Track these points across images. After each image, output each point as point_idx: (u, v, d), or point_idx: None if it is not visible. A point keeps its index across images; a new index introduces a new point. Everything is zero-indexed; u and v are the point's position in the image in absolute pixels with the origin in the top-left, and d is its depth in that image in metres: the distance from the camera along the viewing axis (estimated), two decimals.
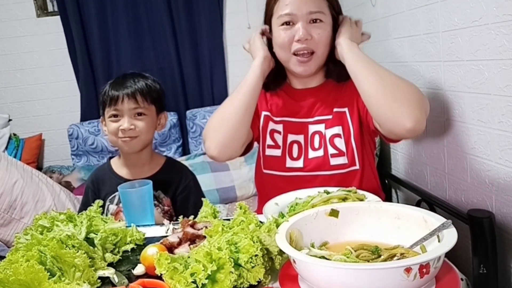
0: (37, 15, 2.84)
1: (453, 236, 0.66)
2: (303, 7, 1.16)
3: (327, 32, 1.19)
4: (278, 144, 1.27)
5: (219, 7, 2.86)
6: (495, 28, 1.07)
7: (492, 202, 1.18)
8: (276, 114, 1.30)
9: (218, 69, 2.95)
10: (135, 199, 1.13)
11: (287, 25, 1.18)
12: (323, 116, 1.25)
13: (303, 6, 1.16)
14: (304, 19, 1.16)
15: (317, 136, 1.25)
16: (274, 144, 1.28)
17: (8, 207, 2.17)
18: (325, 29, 1.18)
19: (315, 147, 1.24)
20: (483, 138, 1.18)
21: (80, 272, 0.76)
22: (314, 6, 1.17)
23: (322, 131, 1.24)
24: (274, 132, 1.29)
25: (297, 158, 1.25)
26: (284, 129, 1.28)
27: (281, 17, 1.19)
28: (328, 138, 1.22)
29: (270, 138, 1.29)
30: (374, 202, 0.91)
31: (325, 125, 1.24)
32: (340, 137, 1.22)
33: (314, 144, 1.24)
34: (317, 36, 1.17)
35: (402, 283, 0.60)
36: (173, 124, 2.86)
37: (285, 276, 0.73)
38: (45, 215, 0.92)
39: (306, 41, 1.16)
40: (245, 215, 0.83)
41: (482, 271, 1.13)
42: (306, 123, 1.26)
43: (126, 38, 2.86)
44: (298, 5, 1.16)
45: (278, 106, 1.30)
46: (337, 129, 1.22)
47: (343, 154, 1.21)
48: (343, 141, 1.21)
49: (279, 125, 1.29)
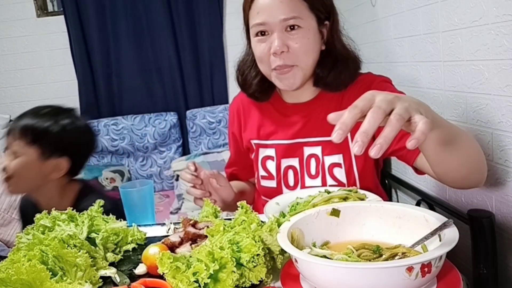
0: (37, 15, 2.84)
1: (455, 235, 0.66)
2: (275, 14, 1.02)
3: (307, 39, 1.04)
4: (271, 175, 1.18)
5: (219, 7, 2.87)
6: (495, 28, 1.08)
7: (492, 202, 1.18)
8: (265, 137, 1.19)
9: (218, 69, 2.96)
10: (136, 199, 1.14)
11: (262, 35, 1.06)
12: (319, 138, 1.13)
13: (275, 12, 1.02)
14: (279, 28, 1.03)
15: (313, 160, 1.14)
16: (267, 175, 1.19)
17: (8, 207, 2.17)
18: (304, 36, 1.04)
19: (311, 174, 1.14)
20: (483, 138, 1.18)
21: (82, 271, 0.76)
22: (288, 11, 1.02)
23: (319, 154, 1.13)
24: (267, 159, 1.19)
25: (293, 187, 1.16)
26: (276, 153, 1.17)
27: (254, 26, 1.06)
28: (327, 167, 1.12)
29: (263, 168, 1.20)
30: (375, 201, 0.91)
31: (321, 148, 1.13)
32: (340, 167, 1.10)
33: (310, 170, 1.14)
34: (296, 46, 1.03)
35: (403, 282, 0.60)
36: (173, 124, 2.86)
37: (286, 275, 0.73)
38: (46, 215, 0.93)
39: (283, 54, 1.03)
40: (246, 214, 0.83)
41: (482, 271, 1.13)
42: (300, 144, 1.15)
43: (125, 38, 2.86)
44: (269, 12, 1.03)
45: (267, 126, 1.20)
46: (337, 157, 1.11)
47: (343, 185, 1.10)
48: (343, 172, 1.10)
49: (271, 150, 1.18)
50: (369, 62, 1.95)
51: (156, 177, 2.89)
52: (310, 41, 1.05)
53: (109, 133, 2.82)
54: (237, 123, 1.28)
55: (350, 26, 2.17)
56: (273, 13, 1.02)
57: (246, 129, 1.25)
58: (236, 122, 1.29)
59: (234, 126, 1.30)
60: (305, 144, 1.15)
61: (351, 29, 2.17)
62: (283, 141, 1.17)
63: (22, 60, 2.87)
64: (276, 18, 1.02)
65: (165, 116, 2.87)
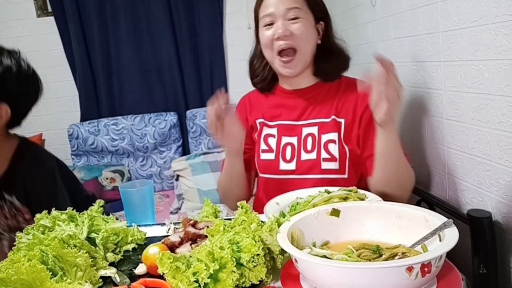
0: (37, 15, 2.84)
1: (455, 235, 0.67)
2: (280, 5, 1.23)
3: (306, 28, 1.23)
4: (271, 148, 1.32)
5: (219, 7, 2.87)
6: (495, 28, 1.08)
7: (492, 202, 1.18)
8: (270, 119, 1.36)
9: (218, 69, 2.96)
10: (136, 199, 1.14)
11: (269, 25, 1.25)
12: (316, 119, 1.29)
13: (280, 4, 1.23)
14: (282, 16, 1.22)
15: (310, 138, 1.28)
16: (268, 148, 1.33)
17: None
18: (303, 25, 1.23)
19: (307, 149, 1.27)
20: (483, 138, 1.18)
21: (82, 271, 0.76)
22: (291, 3, 1.23)
23: (315, 133, 1.28)
24: (269, 136, 1.34)
25: (290, 160, 1.29)
26: (278, 132, 1.32)
27: (263, 18, 1.26)
28: (323, 143, 1.26)
29: (264, 143, 1.34)
30: (375, 201, 0.91)
31: (318, 127, 1.28)
32: (334, 143, 1.25)
33: (307, 146, 1.28)
34: (296, 32, 1.22)
35: (403, 282, 0.60)
36: (173, 124, 2.86)
37: (286, 275, 0.73)
38: (46, 215, 0.93)
39: (286, 37, 1.21)
40: (246, 214, 0.83)
41: (482, 271, 1.13)
42: (300, 126, 1.30)
43: (125, 38, 2.86)
44: (276, 4, 1.24)
45: (272, 110, 1.36)
46: (333, 135, 1.25)
47: (335, 159, 1.24)
48: (337, 148, 1.24)
49: (274, 129, 1.34)
50: (369, 62, 1.95)
51: (156, 177, 2.89)
52: (308, 31, 1.25)
53: (109, 133, 2.82)
54: (244, 110, 1.42)
55: (350, 26, 2.18)
56: (278, 4, 1.24)
57: (252, 112, 1.41)
58: (243, 110, 1.43)
59: (241, 112, 1.42)
60: (304, 125, 1.30)
61: (351, 29, 2.17)
62: (285, 122, 1.32)
63: None
64: (280, 8, 1.23)
65: (165, 116, 2.87)
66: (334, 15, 1.39)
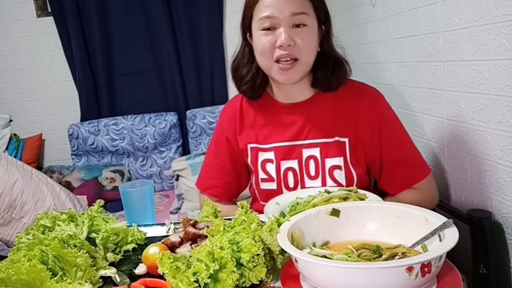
0: (37, 15, 2.84)
1: (455, 235, 0.67)
2: (285, 9, 1.05)
3: (311, 37, 1.09)
4: (272, 177, 1.19)
5: (219, 7, 2.87)
6: (495, 28, 1.08)
7: (492, 202, 1.18)
8: (264, 141, 1.20)
9: (218, 69, 2.96)
10: (136, 199, 1.14)
11: (268, 30, 1.08)
12: (317, 139, 1.15)
13: (284, 7, 1.05)
14: (287, 22, 1.06)
15: (312, 162, 1.16)
16: (267, 177, 1.19)
17: (8, 207, 2.17)
18: (309, 33, 1.08)
19: (311, 175, 1.16)
20: (483, 138, 1.18)
21: (82, 271, 0.76)
22: (297, 7, 1.06)
23: (318, 156, 1.15)
24: (266, 162, 1.20)
25: (293, 189, 1.17)
26: (276, 156, 1.18)
27: (261, 20, 1.08)
28: (328, 169, 1.14)
29: (263, 170, 1.20)
30: (375, 201, 0.91)
31: (320, 149, 1.15)
32: (340, 169, 1.14)
33: (310, 171, 1.16)
34: (301, 42, 1.06)
35: (403, 282, 0.60)
36: (173, 124, 2.86)
37: (286, 275, 0.73)
38: (46, 215, 0.93)
39: (289, 47, 1.06)
40: (246, 214, 0.83)
41: (482, 271, 1.13)
42: (299, 146, 1.17)
43: (125, 38, 2.86)
44: (279, 7, 1.06)
45: (265, 129, 1.20)
46: (338, 160, 1.14)
47: (342, 186, 1.13)
48: (343, 174, 1.13)
49: (270, 153, 1.19)
50: (369, 62, 1.95)
51: (156, 177, 2.89)
52: (313, 39, 1.10)
53: (109, 133, 2.82)
54: (233, 127, 1.25)
55: (350, 26, 2.18)
56: (282, 8, 1.06)
57: (242, 132, 1.23)
58: (231, 126, 1.25)
59: (228, 130, 1.25)
60: (303, 146, 1.16)
61: (351, 29, 2.17)
62: (282, 144, 1.18)
63: (22, 60, 2.87)
64: (285, 13, 1.06)
65: (165, 116, 2.87)
66: (334, 15, 1.37)
